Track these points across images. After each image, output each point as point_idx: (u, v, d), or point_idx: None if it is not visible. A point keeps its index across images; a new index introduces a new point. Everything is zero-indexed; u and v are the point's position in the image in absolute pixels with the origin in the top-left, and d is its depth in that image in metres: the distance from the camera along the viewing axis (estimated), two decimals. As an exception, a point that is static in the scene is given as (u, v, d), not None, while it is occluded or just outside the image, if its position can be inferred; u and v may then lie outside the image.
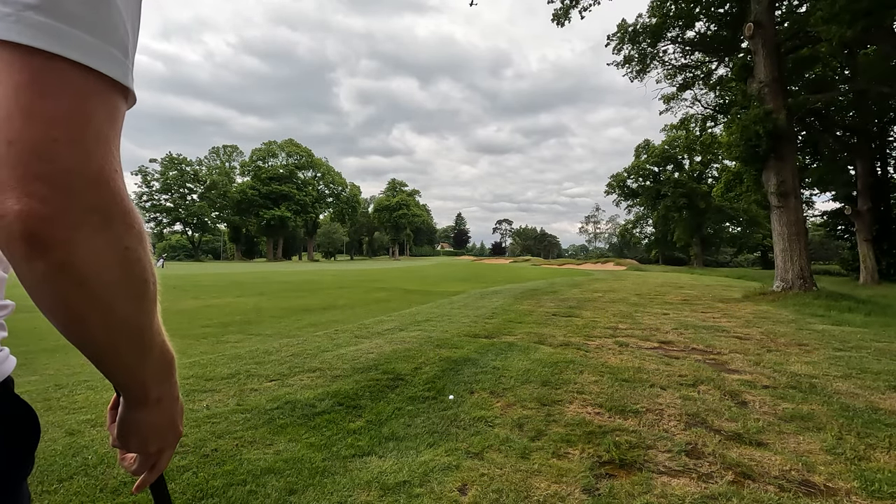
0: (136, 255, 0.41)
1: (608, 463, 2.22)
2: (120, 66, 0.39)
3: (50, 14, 0.34)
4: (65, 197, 0.35)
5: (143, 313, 0.44)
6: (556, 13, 13.62)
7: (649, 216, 51.82)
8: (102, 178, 0.37)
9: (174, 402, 0.56)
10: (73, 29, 0.35)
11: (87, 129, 0.36)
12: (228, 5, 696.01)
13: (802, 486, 2.01)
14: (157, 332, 0.48)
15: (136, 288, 0.42)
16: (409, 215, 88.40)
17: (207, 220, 69.66)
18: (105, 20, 0.37)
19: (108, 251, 0.39)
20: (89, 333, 0.41)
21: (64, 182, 0.35)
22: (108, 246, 0.38)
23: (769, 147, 10.47)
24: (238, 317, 7.74)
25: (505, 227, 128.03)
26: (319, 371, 3.83)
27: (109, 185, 0.38)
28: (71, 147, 0.35)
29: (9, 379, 0.50)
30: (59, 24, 0.34)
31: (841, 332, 5.81)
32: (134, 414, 0.53)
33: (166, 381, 0.53)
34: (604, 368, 3.93)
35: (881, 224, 19.39)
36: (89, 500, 1.87)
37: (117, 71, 0.38)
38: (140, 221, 0.42)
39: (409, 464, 2.19)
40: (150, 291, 0.44)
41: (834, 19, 8.72)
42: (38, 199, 0.34)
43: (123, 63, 0.39)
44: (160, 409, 0.54)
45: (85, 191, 0.36)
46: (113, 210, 0.38)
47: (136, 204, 0.41)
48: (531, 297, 10.29)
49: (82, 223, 0.36)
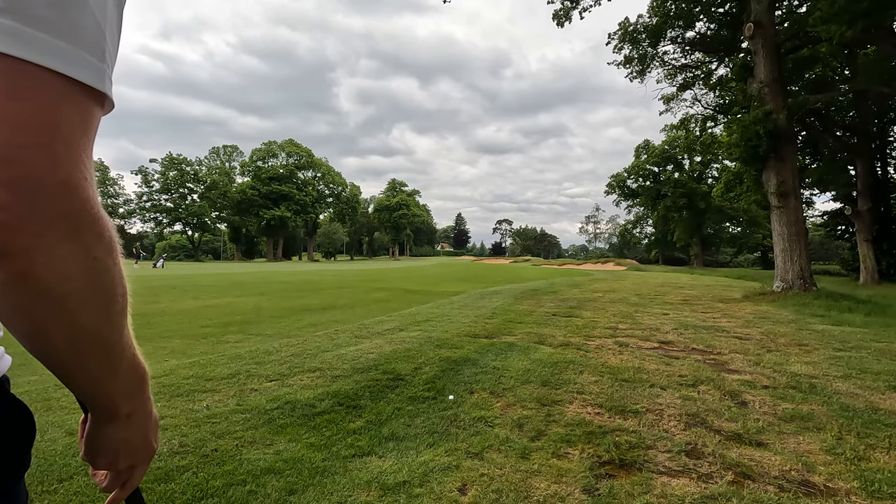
0: (104, 266, 0.39)
1: (608, 463, 2.22)
2: (93, 71, 0.37)
3: (16, 17, 0.32)
4: (28, 203, 0.33)
5: (111, 326, 0.42)
6: (557, 13, 13.63)
7: (649, 216, 51.84)
8: (71, 185, 0.35)
9: (147, 418, 0.54)
10: (42, 33, 0.33)
11: (55, 134, 0.35)
12: (228, 5, 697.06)
13: (802, 487, 2.01)
14: (127, 345, 0.46)
15: (104, 299, 0.41)
16: (409, 215, 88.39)
17: (207, 220, 69.65)
18: (76, 23, 0.36)
19: (74, 261, 0.37)
20: (52, 346, 0.39)
21: (29, 188, 0.33)
22: (74, 255, 0.37)
23: (769, 147, 10.47)
24: (238, 317, 7.74)
25: (505, 228, 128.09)
26: (319, 371, 3.83)
27: (78, 192, 0.36)
28: (38, 152, 0.33)
29: (4, 378, 0.49)
30: (27, 28, 0.33)
31: (841, 333, 5.81)
32: (103, 429, 0.51)
33: (138, 396, 0.51)
34: (604, 369, 3.93)
35: (881, 224, 19.39)
36: (89, 500, 1.87)
37: (90, 76, 0.37)
38: (111, 230, 0.40)
39: (408, 464, 2.19)
40: (118, 303, 0.42)
41: (834, 19, 8.71)
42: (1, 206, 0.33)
43: (98, 67, 0.38)
44: (131, 425, 0.52)
45: (51, 198, 0.34)
46: (81, 218, 0.36)
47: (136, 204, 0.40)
48: (531, 297, 10.29)
49: (46, 231, 0.35)
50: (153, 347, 5.37)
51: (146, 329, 6.61)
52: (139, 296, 10.59)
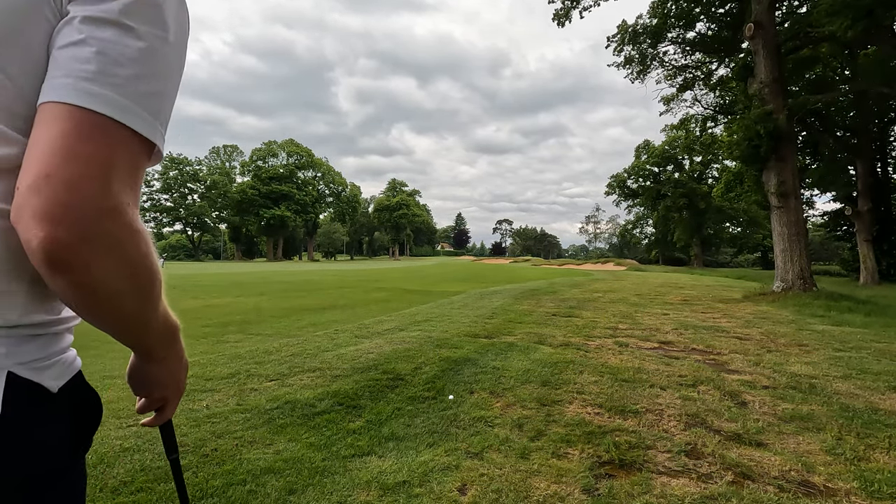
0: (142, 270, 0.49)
1: (608, 463, 2.22)
2: (147, 125, 0.48)
3: (98, 83, 0.44)
4: (84, 223, 0.42)
5: (147, 307, 0.53)
6: (557, 13, 13.63)
7: (649, 216, 51.89)
8: (118, 210, 0.44)
9: (178, 362, 0.67)
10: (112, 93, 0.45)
11: (110, 169, 0.44)
12: (224, 4, 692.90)
13: (802, 487, 2.01)
14: (161, 312, 0.57)
15: (141, 292, 0.51)
16: (409, 215, 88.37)
17: (207, 219, 69.69)
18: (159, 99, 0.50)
19: (118, 271, 0.46)
20: (101, 322, 0.51)
21: (85, 210, 0.42)
22: (118, 266, 0.46)
23: (770, 147, 10.46)
24: (238, 316, 7.74)
25: (505, 228, 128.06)
26: (319, 371, 3.83)
27: (122, 217, 0.45)
28: (95, 182, 0.43)
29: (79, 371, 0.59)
30: (103, 91, 0.44)
31: (841, 333, 5.81)
32: (142, 367, 0.65)
33: (170, 346, 0.64)
34: (604, 369, 3.93)
35: (881, 224, 19.39)
36: (89, 499, 1.87)
37: (143, 127, 0.48)
38: (148, 241, 0.49)
39: (408, 464, 2.19)
40: (154, 292, 0.53)
41: (836, 14, 8.69)
42: (62, 225, 0.41)
43: (150, 122, 0.49)
44: (164, 366, 0.65)
45: (101, 218, 0.43)
46: (124, 236, 0.46)
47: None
48: (531, 297, 10.29)
49: (97, 248, 0.43)
50: (153, 347, 5.38)
51: (146, 329, 6.62)
52: (139, 295, 10.61)
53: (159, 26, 0.50)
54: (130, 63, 0.47)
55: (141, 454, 2.25)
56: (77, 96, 0.44)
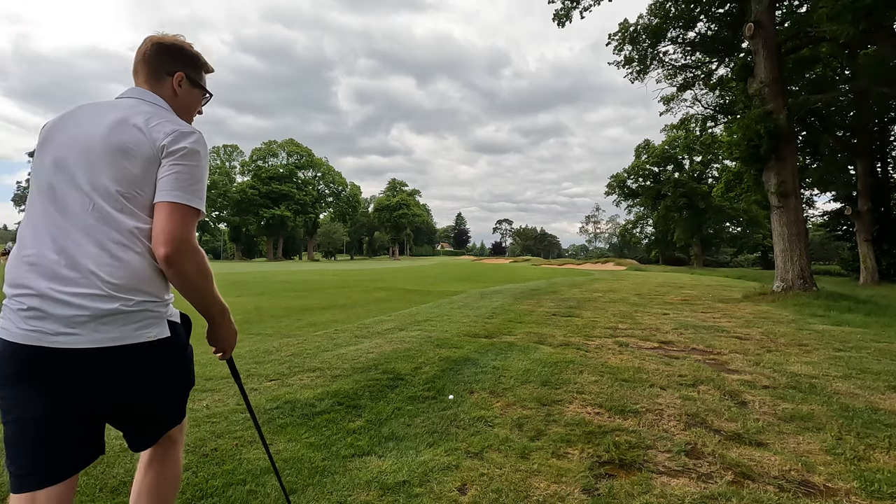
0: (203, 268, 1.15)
1: (608, 463, 2.22)
2: (199, 204, 1.13)
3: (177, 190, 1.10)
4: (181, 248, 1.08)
5: (208, 289, 1.20)
6: (557, 13, 13.59)
7: (649, 216, 51.79)
8: (192, 244, 1.11)
9: (229, 329, 1.33)
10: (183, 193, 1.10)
11: (192, 228, 1.12)
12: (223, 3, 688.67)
13: (802, 487, 2.01)
14: (216, 295, 1.24)
15: (205, 278, 1.16)
16: (409, 215, 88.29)
17: (207, 219, 69.61)
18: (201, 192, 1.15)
19: (193, 268, 1.12)
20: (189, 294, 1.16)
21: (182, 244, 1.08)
22: (193, 265, 1.12)
23: (769, 147, 10.44)
24: (238, 316, 7.65)
25: (505, 227, 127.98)
26: (319, 371, 3.83)
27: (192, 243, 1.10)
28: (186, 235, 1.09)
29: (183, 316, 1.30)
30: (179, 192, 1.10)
31: (841, 333, 5.81)
32: (210, 329, 1.32)
33: (223, 316, 1.30)
34: (604, 368, 3.93)
35: (881, 224, 19.38)
36: (89, 499, 1.87)
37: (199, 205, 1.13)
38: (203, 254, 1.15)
39: (408, 463, 2.19)
40: (210, 280, 1.18)
41: (837, 17, 8.68)
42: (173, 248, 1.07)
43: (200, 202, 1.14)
44: (220, 328, 1.32)
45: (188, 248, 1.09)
46: (195, 252, 1.12)
47: None
48: (531, 296, 10.29)
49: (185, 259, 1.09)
50: (153, 347, 5.38)
51: (146, 328, 6.62)
52: (139, 295, 10.60)
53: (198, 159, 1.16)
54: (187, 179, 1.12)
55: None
56: (169, 197, 1.09)
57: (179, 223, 1.07)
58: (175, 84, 1.28)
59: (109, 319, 1.04)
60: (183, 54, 1.30)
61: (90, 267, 1.02)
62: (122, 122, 1.11)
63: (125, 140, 1.09)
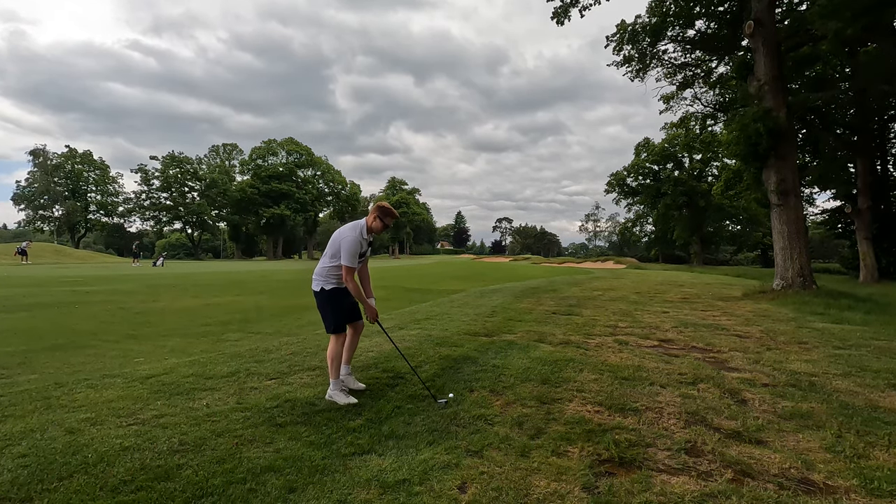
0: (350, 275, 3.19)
1: (608, 461, 2.23)
2: (354, 263, 3.18)
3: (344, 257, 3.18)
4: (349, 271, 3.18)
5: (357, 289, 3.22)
6: (556, 11, 13.54)
7: (649, 214, 51.73)
8: (351, 274, 3.19)
9: (370, 308, 3.27)
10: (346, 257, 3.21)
11: (351, 274, 3.19)
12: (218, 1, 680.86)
13: (802, 485, 2.01)
14: (360, 291, 3.27)
15: (354, 284, 3.21)
16: (409, 214, 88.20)
17: (207, 218, 69.49)
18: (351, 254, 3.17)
19: (351, 281, 3.19)
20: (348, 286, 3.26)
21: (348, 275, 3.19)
22: (349, 281, 3.20)
23: (769, 145, 10.42)
24: (238, 315, 7.74)
25: (505, 226, 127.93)
26: (319, 369, 3.84)
27: (351, 273, 3.19)
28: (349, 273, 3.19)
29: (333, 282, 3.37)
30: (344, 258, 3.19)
31: (841, 331, 5.81)
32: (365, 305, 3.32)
33: (365, 301, 3.27)
34: (603, 367, 3.93)
35: (881, 222, 19.37)
36: (89, 498, 1.88)
37: (353, 264, 3.19)
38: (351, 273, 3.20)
39: (408, 462, 2.19)
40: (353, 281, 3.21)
41: (834, 16, 8.66)
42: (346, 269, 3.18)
43: (354, 262, 3.19)
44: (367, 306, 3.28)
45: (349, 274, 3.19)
46: (351, 273, 3.19)
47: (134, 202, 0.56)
48: (531, 295, 10.29)
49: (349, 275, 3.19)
50: (153, 346, 5.38)
51: (145, 328, 6.61)
52: (139, 294, 10.60)
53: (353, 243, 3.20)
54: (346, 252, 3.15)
55: (141, 453, 2.25)
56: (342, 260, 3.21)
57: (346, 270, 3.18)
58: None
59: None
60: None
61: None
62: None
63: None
